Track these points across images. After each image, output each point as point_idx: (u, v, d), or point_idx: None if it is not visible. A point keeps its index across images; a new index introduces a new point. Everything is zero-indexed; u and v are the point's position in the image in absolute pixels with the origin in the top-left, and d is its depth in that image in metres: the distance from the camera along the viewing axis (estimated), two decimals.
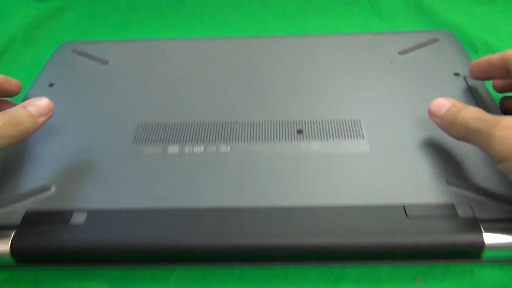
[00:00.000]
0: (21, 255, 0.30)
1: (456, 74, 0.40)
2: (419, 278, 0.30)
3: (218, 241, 0.29)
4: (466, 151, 0.34)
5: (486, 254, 0.29)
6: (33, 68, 0.47)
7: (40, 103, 0.33)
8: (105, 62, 0.45)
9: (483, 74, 0.37)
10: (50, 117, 0.33)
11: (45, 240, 0.30)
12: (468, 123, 0.29)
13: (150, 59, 0.45)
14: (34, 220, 0.31)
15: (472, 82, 0.39)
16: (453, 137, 0.31)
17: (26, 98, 0.41)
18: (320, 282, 0.30)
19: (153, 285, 0.30)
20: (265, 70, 0.43)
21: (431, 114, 0.33)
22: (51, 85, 0.42)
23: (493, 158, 0.28)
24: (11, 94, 0.40)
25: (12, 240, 0.29)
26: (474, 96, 0.38)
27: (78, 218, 0.31)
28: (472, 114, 0.29)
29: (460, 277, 0.30)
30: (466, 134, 0.29)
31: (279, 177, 0.33)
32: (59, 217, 0.31)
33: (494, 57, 0.35)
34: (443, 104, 0.32)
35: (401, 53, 0.44)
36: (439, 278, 0.30)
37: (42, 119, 0.33)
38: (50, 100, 0.33)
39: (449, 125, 0.31)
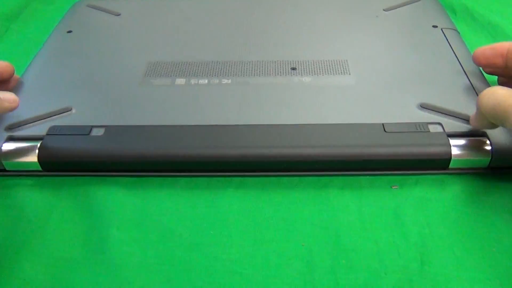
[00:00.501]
0: (47, 163, 0.34)
1: (434, 27, 0.45)
2: (395, 185, 0.34)
3: (219, 152, 0.33)
4: (438, 81, 0.38)
5: (453, 163, 0.33)
6: (50, 23, 0.51)
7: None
8: (117, 14, 0.49)
9: (496, 60, 0.36)
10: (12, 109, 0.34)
11: (67, 149, 0.34)
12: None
13: (159, 11, 0.50)
14: (58, 133, 0.35)
15: (448, 33, 0.44)
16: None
17: (46, 43, 0.45)
18: (309, 188, 0.34)
19: (163, 190, 0.34)
20: (263, 18, 0.48)
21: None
22: (69, 31, 0.47)
23: None
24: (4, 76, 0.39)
25: (39, 149, 0.34)
26: (450, 45, 0.43)
27: (97, 132, 0.35)
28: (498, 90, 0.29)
29: (431, 184, 0.34)
30: (494, 109, 0.29)
31: (274, 102, 0.37)
32: (80, 130, 0.35)
33: (482, 51, 0.36)
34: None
35: (386, 9, 0.48)
36: (412, 185, 0.34)
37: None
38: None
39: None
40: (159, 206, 0.33)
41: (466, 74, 0.39)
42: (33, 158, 0.34)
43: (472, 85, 0.38)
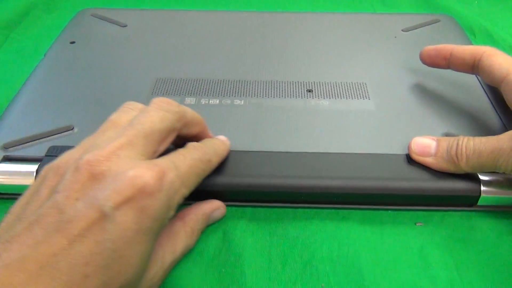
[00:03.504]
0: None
1: None
2: (420, 222, 0.32)
3: (229, 181, 0.31)
4: (461, 107, 0.36)
5: (482, 201, 0.31)
6: (52, 32, 0.49)
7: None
8: (123, 25, 0.47)
9: (440, 61, 0.37)
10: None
11: None
12: (479, 150, 0.29)
13: (168, 25, 0.47)
14: (57, 154, 0.32)
15: None
16: (460, 170, 0.30)
17: (47, 54, 0.43)
18: (327, 221, 0.31)
19: None
20: (279, 39, 0.45)
21: (418, 155, 0.31)
22: (72, 42, 0.44)
23: None
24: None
25: (36, 171, 0.31)
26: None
27: None
28: (476, 140, 0.29)
29: (458, 222, 0.31)
30: (480, 161, 0.29)
31: (290, 127, 0.35)
32: None
33: (462, 50, 0.35)
34: (427, 143, 0.31)
35: (405, 30, 0.46)
36: (438, 222, 0.31)
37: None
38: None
39: (452, 160, 0.30)
40: None
41: (490, 100, 0.37)
42: (29, 181, 0.31)
43: (497, 113, 0.36)
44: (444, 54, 0.36)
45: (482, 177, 0.31)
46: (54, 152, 0.32)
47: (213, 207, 0.30)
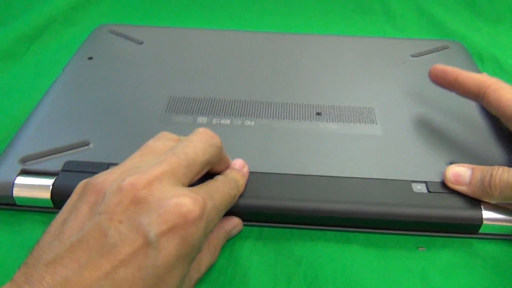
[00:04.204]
0: (60, 201, 0.32)
1: None
2: (422, 247, 0.32)
3: (238, 202, 0.31)
4: (468, 135, 0.37)
5: (484, 229, 0.32)
6: (70, 46, 0.50)
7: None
8: (140, 43, 0.48)
9: (444, 84, 0.37)
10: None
11: None
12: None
13: (182, 44, 0.48)
14: (73, 169, 0.34)
15: None
16: (492, 200, 0.32)
17: (65, 69, 0.44)
18: (332, 242, 0.32)
19: None
20: (288, 60, 0.46)
21: (453, 183, 0.32)
22: (90, 58, 0.46)
23: None
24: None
25: (52, 185, 0.32)
26: None
27: None
28: (511, 173, 0.30)
29: (459, 248, 0.32)
30: None
31: (298, 149, 0.36)
32: (97, 167, 0.33)
33: (467, 78, 0.36)
34: (462, 172, 0.32)
35: (414, 55, 0.47)
36: (440, 247, 0.32)
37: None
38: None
39: (485, 190, 0.31)
40: None
41: (496, 129, 0.38)
42: (46, 194, 0.32)
43: (502, 143, 0.36)
44: (450, 78, 0.37)
45: (484, 206, 0.32)
46: (69, 167, 0.33)
47: (233, 224, 0.32)
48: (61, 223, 0.23)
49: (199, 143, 0.27)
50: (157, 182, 0.23)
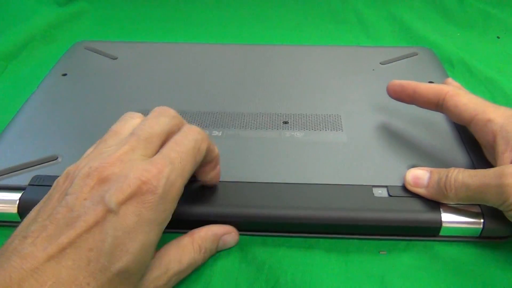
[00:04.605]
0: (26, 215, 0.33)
1: (430, 82, 0.45)
2: (383, 251, 0.33)
3: (202, 211, 0.32)
4: (431, 142, 0.38)
5: (444, 231, 0.32)
6: (49, 63, 0.51)
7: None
8: (114, 58, 0.49)
9: (404, 98, 0.38)
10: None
11: None
12: (467, 183, 0.30)
13: (156, 57, 0.50)
14: (40, 183, 0.34)
15: None
16: (449, 201, 0.32)
17: (40, 86, 0.45)
18: (295, 248, 0.33)
19: None
20: (257, 71, 0.47)
21: (412, 186, 0.33)
22: (64, 74, 0.47)
23: (510, 206, 0.29)
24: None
25: (19, 199, 0.33)
26: None
27: None
28: (465, 173, 0.30)
29: (420, 251, 0.32)
30: (467, 194, 0.30)
31: (265, 158, 0.36)
32: None
33: (425, 89, 0.36)
34: (421, 174, 0.33)
35: (383, 63, 0.48)
36: (401, 251, 0.32)
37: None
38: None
39: (442, 192, 0.31)
40: None
41: (460, 135, 0.38)
42: (13, 209, 0.33)
43: (465, 148, 0.37)
44: (409, 92, 0.37)
45: (443, 209, 0.32)
46: (37, 182, 0.34)
47: (224, 230, 0.32)
48: (37, 210, 0.26)
49: (153, 119, 0.29)
50: (118, 162, 0.26)
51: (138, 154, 0.27)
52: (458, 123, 0.36)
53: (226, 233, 0.32)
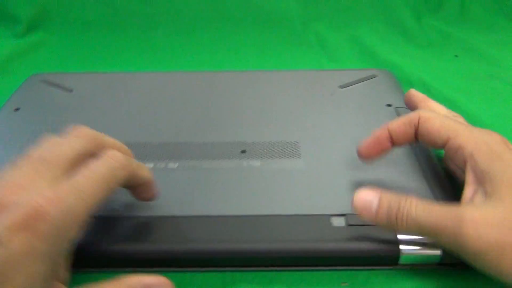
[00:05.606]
0: None
1: (389, 105, 0.45)
2: (345, 282, 0.32)
3: (155, 248, 0.31)
4: (390, 166, 0.37)
5: (403, 260, 0.32)
6: (4, 96, 0.49)
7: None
8: (69, 90, 0.48)
9: (385, 146, 0.35)
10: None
11: None
12: (419, 222, 0.28)
13: (112, 88, 0.49)
14: None
15: (403, 112, 0.44)
16: (400, 233, 0.31)
17: None
18: (253, 284, 0.32)
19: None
20: (215, 98, 0.47)
21: (359, 211, 0.30)
22: (17, 109, 0.45)
23: (466, 255, 0.27)
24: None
25: None
26: None
27: None
28: (419, 207, 0.29)
29: (382, 281, 0.32)
30: (420, 231, 0.29)
31: (221, 190, 0.36)
32: None
33: (398, 125, 0.34)
34: (370, 197, 0.30)
35: (342, 86, 0.48)
36: (363, 281, 0.32)
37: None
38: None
39: (392, 223, 0.29)
40: None
41: (418, 160, 0.38)
42: None
43: (424, 173, 0.37)
44: (383, 137, 0.35)
45: (400, 237, 0.31)
46: None
47: (156, 281, 0.27)
48: None
49: (64, 140, 0.29)
50: (20, 189, 0.24)
51: (43, 178, 0.25)
52: (434, 148, 0.36)
53: (158, 285, 0.27)
